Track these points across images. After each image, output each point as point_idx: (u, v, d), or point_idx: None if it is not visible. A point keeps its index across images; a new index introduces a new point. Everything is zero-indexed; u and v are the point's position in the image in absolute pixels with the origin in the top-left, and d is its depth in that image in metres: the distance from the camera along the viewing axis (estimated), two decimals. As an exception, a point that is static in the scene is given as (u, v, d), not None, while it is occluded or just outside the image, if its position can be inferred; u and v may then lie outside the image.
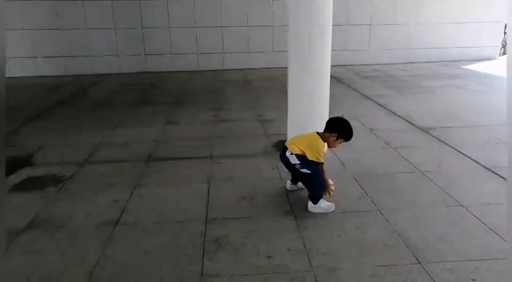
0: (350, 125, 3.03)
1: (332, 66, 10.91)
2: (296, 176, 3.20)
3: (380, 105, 6.36)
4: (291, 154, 3.02)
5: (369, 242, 2.65)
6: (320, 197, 3.00)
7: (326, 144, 3.05)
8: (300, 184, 3.32)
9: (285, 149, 3.10)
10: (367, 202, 3.21)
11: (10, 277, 2.38)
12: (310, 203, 3.01)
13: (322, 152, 2.98)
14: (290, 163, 3.02)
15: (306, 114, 4.20)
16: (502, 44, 11.85)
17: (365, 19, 10.69)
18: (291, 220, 2.96)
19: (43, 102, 7.15)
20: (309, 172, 2.97)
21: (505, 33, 11.53)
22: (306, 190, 3.12)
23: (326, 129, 3.05)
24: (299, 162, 2.98)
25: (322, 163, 2.99)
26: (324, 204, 3.02)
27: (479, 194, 3.30)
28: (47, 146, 4.75)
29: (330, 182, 3.07)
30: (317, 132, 3.07)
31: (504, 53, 11.93)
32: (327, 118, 4.29)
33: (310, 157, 2.96)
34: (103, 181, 3.71)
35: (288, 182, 3.39)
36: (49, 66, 9.83)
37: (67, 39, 9.70)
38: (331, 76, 9.10)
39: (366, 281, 2.28)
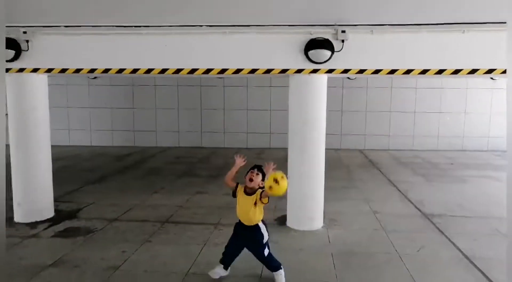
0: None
1: (373, 150, 11.24)
2: None
3: (399, 191, 6.58)
4: None
5: (311, 308, 3.00)
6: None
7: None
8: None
9: None
10: (331, 276, 3.55)
11: (27, 299, 3.15)
12: None
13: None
14: None
15: (302, 193, 4.72)
16: None
17: (410, 107, 11.11)
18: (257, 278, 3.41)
19: (110, 168, 8.52)
20: None
21: None
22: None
23: None
24: None
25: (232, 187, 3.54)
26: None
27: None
28: (95, 204, 5.79)
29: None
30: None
31: None
32: (322, 197, 4.81)
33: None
34: (122, 235, 4.51)
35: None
36: (123, 138, 11.59)
37: (138, 116, 11.51)
38: (369, 160, 9.45)
39: None
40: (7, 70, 4.71)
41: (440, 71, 4.33)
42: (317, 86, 4.51)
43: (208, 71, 4.48)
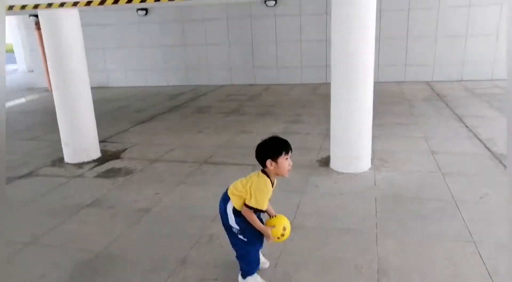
0: (271, 140, 2.34)
1: (443, 82, 10.03)
2: (229, 237, 2.48)
3: (466, 127, 5.75)
4: (232, 209, 2.35)
5: (342, 260, 2.71)
6: (249, 273, 2.46)
7: (276, 177, 2.37)
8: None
9: (226, 197, 2.40)
10: (369, 223, 3.18)
11: (63, 237, 3.24)
12: (239, 276, 2.51)
13: (266, 195, 2.27)
14: (228, 223, 2.39)
15: (347, 131, 4.24)
16: None
17: (490, 29, 9.51)
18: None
19: (160, 108, 8.58)
20: (245, 240, 2.39)
21: None
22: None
23: (261, 164, 2.32)
24: (238, 227, 2.36)
25: (263, 211, 2.33)
26: (253, 281, 2.47)
27: (506, 233, 2.92)
28: (139, 144, 5.85)
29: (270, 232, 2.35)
30: (262, 170, 2.34)
31: None
32: (369, 136, 4.30)
33: (251, 204, 2.26)
34: (159, 177, 4.48)
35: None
36: (176, 77, 11.57)
37: (190, 54, 11.29)
38: (436, 93, 8.48)
39: (311, 293, 2.40)
40: (36, 6, 4.58)
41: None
42: (363, 6, 3.79)
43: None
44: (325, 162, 4.64)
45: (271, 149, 2.28)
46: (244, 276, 2.48)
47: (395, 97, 8.16)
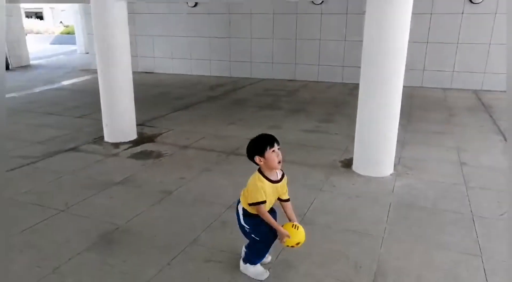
0: (256, 138, 2.47)
1: (493, 91, 9.56)
2: (245, 236, 2.61)
3: (505, 141, 5.51)
4: (242, 209, 2.51)
5: (343, 257, 2.78)
6: (252, 263, 2.60)
7: (272, 171, 2.45)
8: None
9: (239, 199, 2.56)
10: (378, 227, 3.22)
11: (91, 208, 3.56)
12: (241, 261, 2.66)
13: (258, 188, 2.37)
14: (241, 222, 2.55)
15: (371, 133, 4.25)
16: None
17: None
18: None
19: (199, 97, 8.88)
20: (257, 238, 2.50)
21: None
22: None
23: (253, 162, 2.45)
24: (248, 226, 2.50)
25: (263, 202, 2.38)
26: (253, 269, 2.60)
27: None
28: (174, 130, 6.14)
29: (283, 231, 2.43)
30: (258, 169, 2.46)
31: None
32: (394, 140, 4.28)
33: (249, 201, 2.41)
34: (186, 162, 4.73)
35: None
36: (219, 68, 11.85)
37: (234, 46, 11.51)
38: (481, 102, 8.17)
39: (306, 286, 2.51)
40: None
41: None
42: (397, 10, 3.77)
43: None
44: (348, 163, 4.66)
45: (256, 146, 2.41)
46: (245, 262, 2.64)
47: (436, 104, 7.92)
